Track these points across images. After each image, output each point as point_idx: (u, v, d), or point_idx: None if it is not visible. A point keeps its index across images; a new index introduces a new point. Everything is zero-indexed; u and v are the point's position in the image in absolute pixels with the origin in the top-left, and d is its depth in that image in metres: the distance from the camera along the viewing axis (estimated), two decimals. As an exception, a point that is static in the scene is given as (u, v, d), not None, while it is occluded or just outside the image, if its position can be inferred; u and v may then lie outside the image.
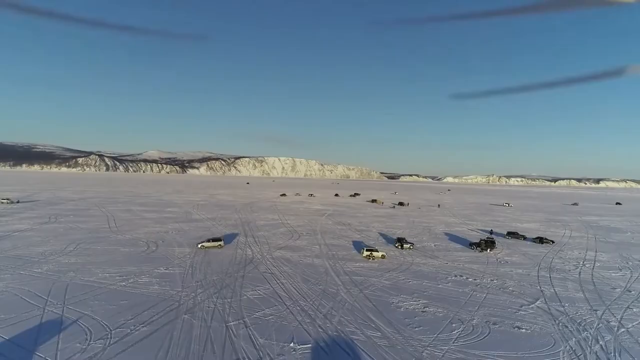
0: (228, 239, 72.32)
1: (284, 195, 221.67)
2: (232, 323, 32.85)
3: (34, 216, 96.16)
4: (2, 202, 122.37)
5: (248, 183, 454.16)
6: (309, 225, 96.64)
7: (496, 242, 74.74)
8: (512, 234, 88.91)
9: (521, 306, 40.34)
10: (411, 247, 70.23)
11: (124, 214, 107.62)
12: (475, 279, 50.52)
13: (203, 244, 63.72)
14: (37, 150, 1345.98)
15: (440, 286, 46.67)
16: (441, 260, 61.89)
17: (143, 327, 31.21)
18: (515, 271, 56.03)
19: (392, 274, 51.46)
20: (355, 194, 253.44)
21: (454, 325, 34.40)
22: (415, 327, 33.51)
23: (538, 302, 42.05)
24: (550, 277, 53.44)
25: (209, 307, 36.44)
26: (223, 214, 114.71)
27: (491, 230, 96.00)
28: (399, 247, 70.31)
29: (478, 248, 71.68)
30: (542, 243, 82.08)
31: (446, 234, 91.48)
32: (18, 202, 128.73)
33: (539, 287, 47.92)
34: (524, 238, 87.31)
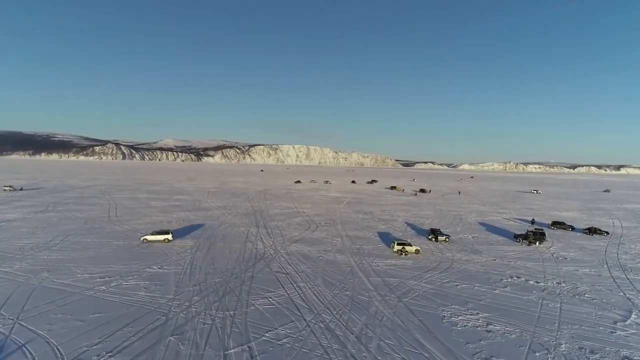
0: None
1: (298, 182, 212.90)
2: (232, 350, 24.14)
3: (31, 204, 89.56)
4: (5, 190, 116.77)
5: (262, 170, 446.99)
6: (327, 215, 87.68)
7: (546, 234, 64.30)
8: (557, 224, 78.11)
9: (615, 322, 30.61)
10: (447, 240, 60.64)
11: (129, 202, 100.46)
12: (537, 282, 40.78)
13: (146, 237, 54.30)
14: (56, 139, 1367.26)
15: (497, 292, 37.15)
16: (486, 256, 52.20)
17: (110, 357, 22.76)
18: (582, 271, 46.01)
19: (433, 275, 42.10)
20: (372, 180, 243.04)
21: (537, 354, 24.99)
22: (485, 358, 24.25)
23: (633, 315, 32.23)
24: (628, 278, 43.32)
25: (204, 323, 27.82)
26: (234, 202, 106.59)
27: (533, 219, 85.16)
28: (433, 239, 60.81)
29: (525, 241, 61.60)
30: (594, 234, 71.43)
31: (481, 224, 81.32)
32: (21, 189, 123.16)
33: (622, 294, 37.99)
34: (572, 228, 76.61)
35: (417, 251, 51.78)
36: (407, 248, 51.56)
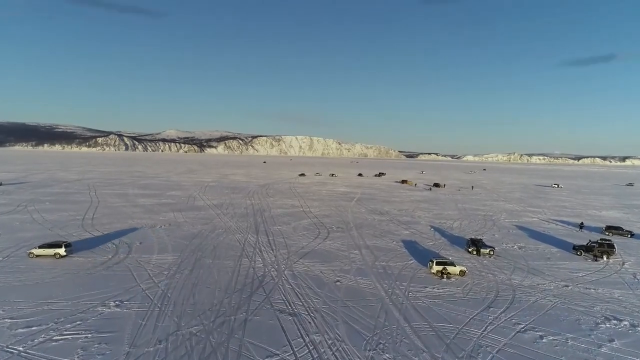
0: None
1: (302, 175, 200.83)
2: None
3: (1, 203, 78.27)
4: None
5: (265, 162, 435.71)
6: (337, 215, 75.93)
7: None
8: (612, 229, 65.89)
9: None
10: (491, 254, 48.72)
11: (114, 200, 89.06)
12: (647, 328, 28.90)
13: (32, 251, 42.00)
14: (59, 130, 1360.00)
15: (604, 351, 25.25)
16: (551, 278, 40.28)
17: None
18: (692, 304, 34.08)
19: (498, 315, 30.21)
20: (380, 173, 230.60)
21: None
22: None
23: None
24: None
25: None
26: (233, 199, 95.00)
27: (582, 223, 72.53)
28: (474, 252, 49.00)
29: (589, 254, 49.63)
30: (663, 243, 59.33)
31: (519, 227, 69.29)
32: (0, 184, 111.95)
33: None
34: (631, 235, 64.47)
35: (462, 272, 39.94)
36: (450, 269, 39.72)
